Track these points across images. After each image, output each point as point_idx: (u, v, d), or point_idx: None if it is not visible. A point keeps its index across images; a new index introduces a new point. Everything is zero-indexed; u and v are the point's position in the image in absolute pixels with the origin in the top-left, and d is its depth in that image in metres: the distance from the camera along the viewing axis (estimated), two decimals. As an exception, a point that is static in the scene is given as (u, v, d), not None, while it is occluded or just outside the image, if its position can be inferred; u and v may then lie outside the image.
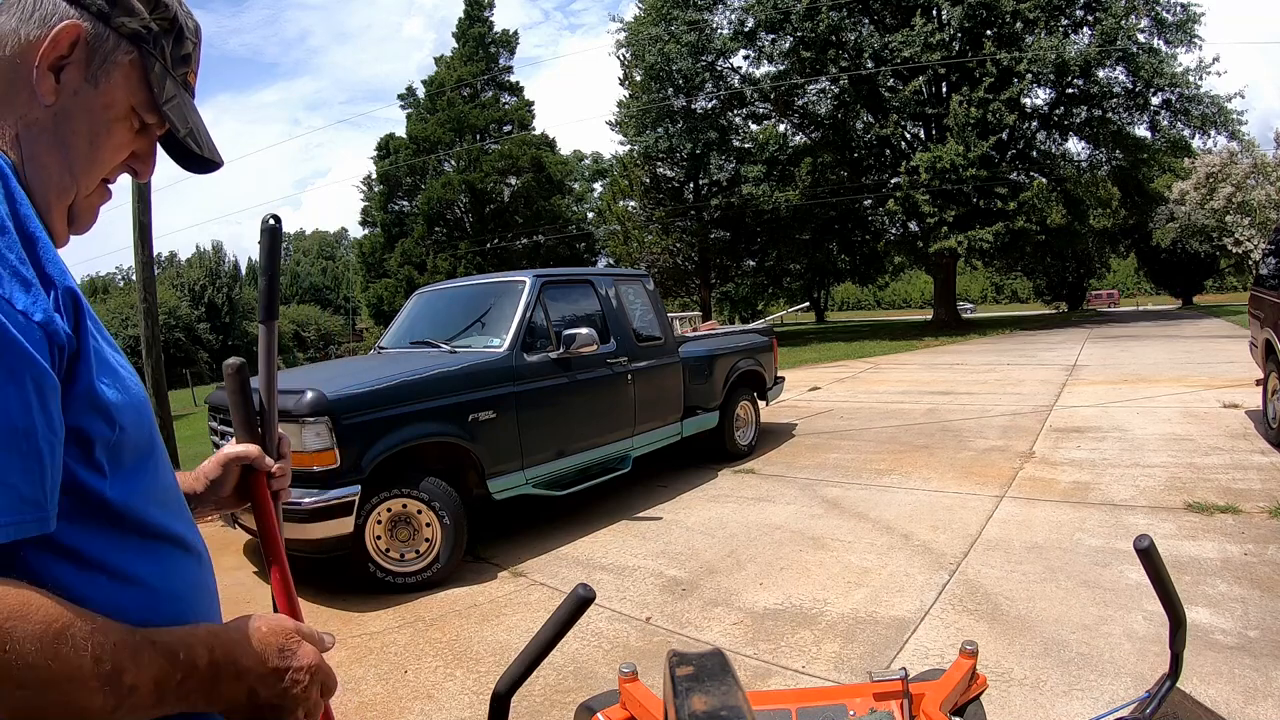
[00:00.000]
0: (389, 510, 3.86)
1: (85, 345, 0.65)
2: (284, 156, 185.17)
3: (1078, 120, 24.21)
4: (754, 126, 28.60)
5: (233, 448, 1.01)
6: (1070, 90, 23.38)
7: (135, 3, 0.75)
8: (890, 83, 23.67)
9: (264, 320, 1.03)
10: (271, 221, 0.97)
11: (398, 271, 32.15)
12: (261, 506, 1.02)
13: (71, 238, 0.80)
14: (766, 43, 25.58)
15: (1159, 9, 21.73)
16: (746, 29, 25.21)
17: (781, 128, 28.01)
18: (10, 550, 0.58)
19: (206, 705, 0.67)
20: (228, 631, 0.72)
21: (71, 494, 0.64)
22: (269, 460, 1.02)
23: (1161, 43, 22.01)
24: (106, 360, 0.69)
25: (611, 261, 33.45)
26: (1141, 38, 21.77)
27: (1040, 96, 24.32)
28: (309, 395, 3.65)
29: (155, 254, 7.08)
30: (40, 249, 0.63)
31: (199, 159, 0.83)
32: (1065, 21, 22.59)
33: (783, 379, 7.77)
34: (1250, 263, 22.87)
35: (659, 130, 27.10)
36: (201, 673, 0.66)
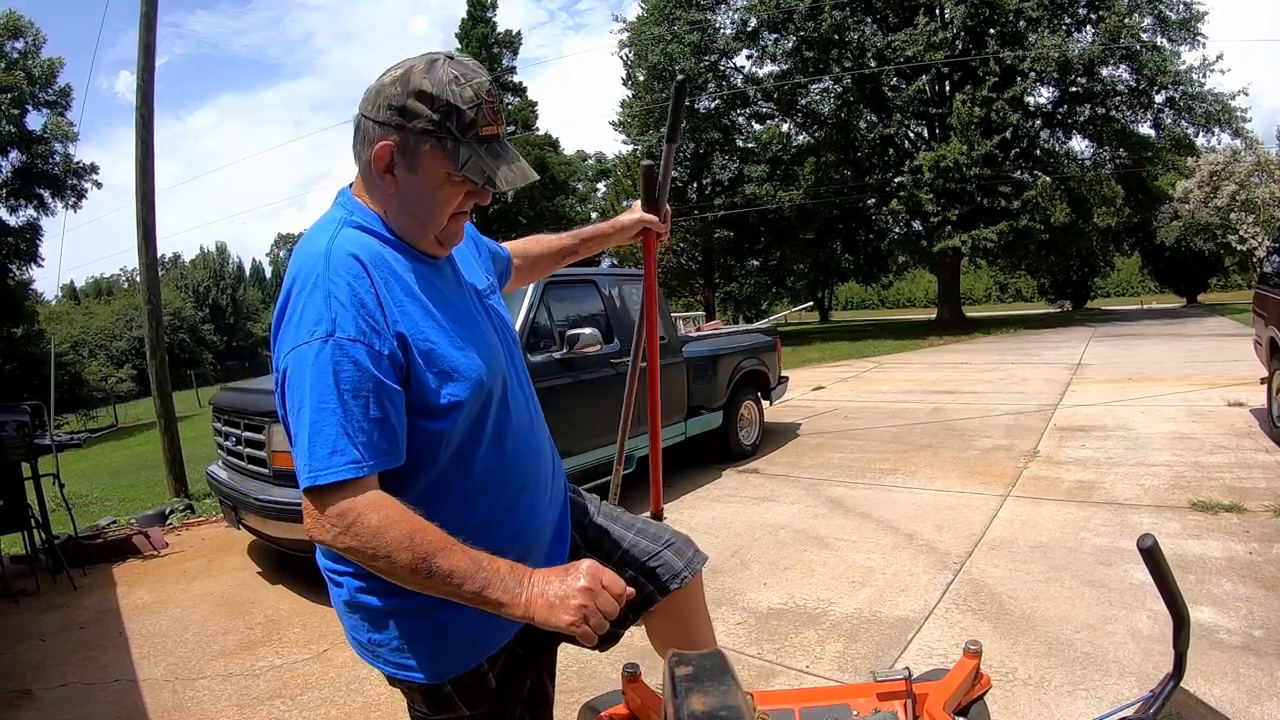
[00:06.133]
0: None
1: (412, 360, 1.09)
2: (288, 157, 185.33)
3: (1081, 119, 24.12)
4: (757, 126, 28.55)
5: (645, 216, 1.65)
6: (1074, 89, 23.31)
7: (417, 107, 1.08)
8: (893, 82, 23.59)
9: (668, 142, 1.59)
10: (680, 78, 1.54)
11: (401, 272, 32.15)
12: (649, 258, 1.67)
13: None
14: (769, 42, 25.51)
15: (1162, 7, 21.64)
16: (749, 29, 25.16)
17: (785, 127, 27.97)
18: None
19: (506, 595, 1.01)
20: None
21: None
22: (663, 226, 1.67)
23: (1165, 41, 21.92)
24: (437, 359, 1.12)
25: (615, 261, 33.41)
26: (1145, 36, 21.69)
27: (1044, 95, 24.22)
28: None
29: (159, 255, 7.10)
30: (386, 311, 1.07)
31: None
32: (1068, 20, 22.51)
33: (787, 379, 7.76)
34: (1254, 261, 22.76)
35: (662, 130, 26.99)
36: (502, 572, 1.02)
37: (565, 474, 1.46)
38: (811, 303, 39.15)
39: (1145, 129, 24.44)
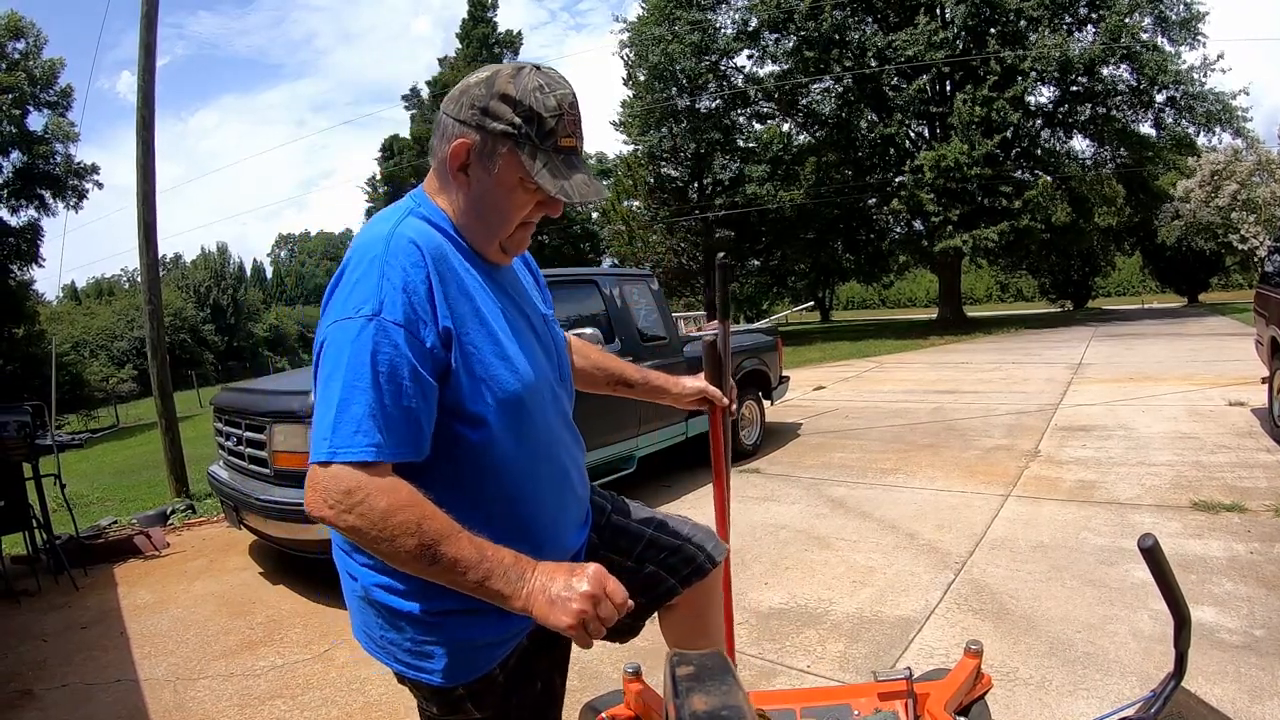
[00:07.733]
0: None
1: (453, 358, 1.07)
2: (289, 158, 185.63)
3: (1082, 118, 24.11)
4: (758, 126, 28.56)
5: (708, 387, 1.63)
6: (1074, 88, 23.30)
7: (500, 109, 1.09)
8: (894, 81, 23.59)
9: (721, 320, 1.57)
10: (721, 257, 1.52)
11: (402, 272, 32.14)
12: (716, 430, 1.67)
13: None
14: (770, 42, 25.53)
15: (1162, 7, 21.62)
16: (750, 29, 25.17)
17: (785, 127, 27.98)
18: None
19: (507, 588, 1.01)
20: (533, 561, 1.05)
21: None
22: (725, 400, 1.64)
23: (1165, 40, 21.92)
24: (484, 358, 1.11)
25: (616, 261, 33.42)
26: (1145, 35, 21.69)
27: (1044, 94, 24.24)
28: (312, 395, 3.65)
29: (160, 255, 7.10)
30: (436, 304, 1.06)
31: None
32: (1069, 20, 22.51)
33: (788, 378, 7.76)
34: (1255, 260, 22.74)
35: (663, 130, 27.07)
36: (506, 563, 1.01)
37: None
38: (812, 302, 39.15)
39: (1146, 128, 24.45)
